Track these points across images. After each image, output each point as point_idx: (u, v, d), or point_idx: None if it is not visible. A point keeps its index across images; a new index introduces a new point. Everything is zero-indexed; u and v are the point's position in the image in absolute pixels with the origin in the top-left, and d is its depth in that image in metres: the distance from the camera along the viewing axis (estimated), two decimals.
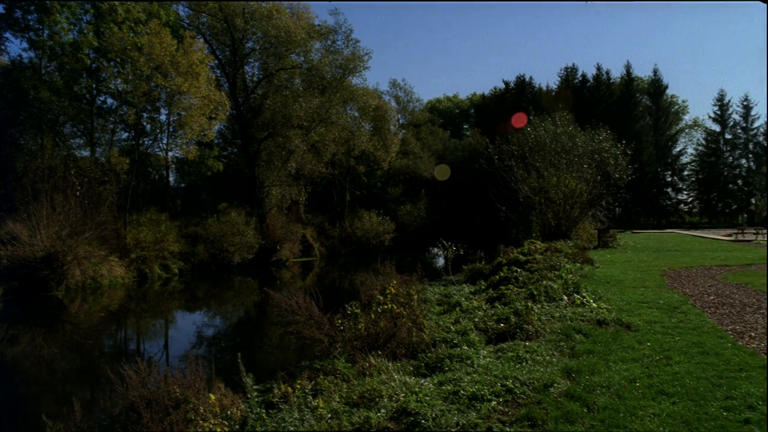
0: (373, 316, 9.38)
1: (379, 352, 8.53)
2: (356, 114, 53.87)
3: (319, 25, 46.62)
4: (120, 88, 35.84)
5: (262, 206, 42.79)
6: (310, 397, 6.75)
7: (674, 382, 6.78)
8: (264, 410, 6.49)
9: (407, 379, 7.08)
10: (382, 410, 6.13)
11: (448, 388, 6.63)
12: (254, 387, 7.01)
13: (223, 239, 36.73)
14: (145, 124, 38.87)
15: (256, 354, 15.74)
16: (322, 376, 7.68)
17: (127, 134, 42.02)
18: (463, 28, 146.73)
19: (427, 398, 6.29)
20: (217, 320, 23.53)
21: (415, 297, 11.16)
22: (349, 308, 10.44)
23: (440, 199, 65.33)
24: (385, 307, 9.52)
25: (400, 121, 68.39)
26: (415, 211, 59.38)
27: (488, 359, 7.90)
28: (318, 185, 54.59)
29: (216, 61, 42.94)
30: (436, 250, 48.06)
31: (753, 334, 9.51)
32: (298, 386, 7.09)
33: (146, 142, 40.90)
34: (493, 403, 6.17)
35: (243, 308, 26.20)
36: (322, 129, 45.16)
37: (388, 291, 10.19)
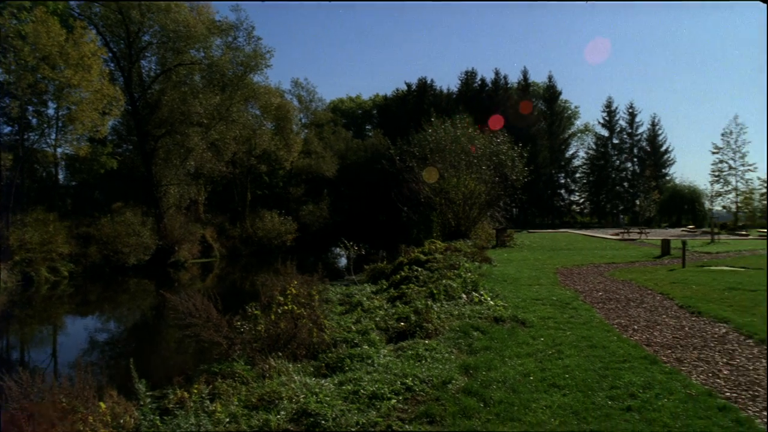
0: (273, 317, 9.25)
1: (280, 354, 8.41)
2: (258, 112, 53.06)
3: (219, 20, 45.52)
4: (1, 79, 33.60)
5: (159, 206, 41.33)
6: (208, 402, 6.56)
7: (565, 375, 7.07)
8: (158, 417, 6.26)
9: (308, 380, 7.02)
10: (282, 412, 6.05)
11: (349, 387, 6.63)
12: (148, 393, 6.74)
13: (118, 240, 35.20)
14: (30, 118, 36.72)
15: (152, 359, 15.21)
16: (220, 380, 7.50)
17: (9, 128, 39.44)
18: (366, 29, 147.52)
19: (328, 399, 6.26)
20: (111, 325, 22.55)
21: (316, 297, 11.10)
22: (249, 310, 10.27)
23: (343, 200, 65.36)
24: (286, 308, 9.41)
25: (303, 121, 67.93)
26: (317, 211, 59.12)
27: (388, 358, 7.96)
28: (218, 184, 53.32)
29: (110, 54, 41.10)
30: (338, 250, 48.04)
31: (636, 327, 10.10)
32: (195, 391, 6.89)
33: (32, 137, 38.48)
34: (393, 401, 6.21)
35: (138, 312, 25.21)
36: (223, 127, 44.13)
37: (288, 292, 10.07)
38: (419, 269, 16.57)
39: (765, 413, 5.85)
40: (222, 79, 45.11)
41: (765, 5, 5.72)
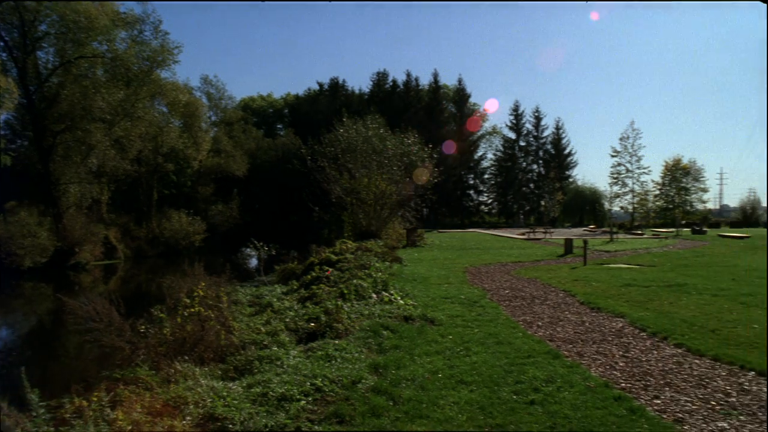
0: (179, 320, 8.98)
1: (186, 358, 8.17)
2: (165, 109, 51.53)
3: (124, 12, 43.69)
4: None
5: (57, 205, 39.28)
6: (108, 410, 6.28)
7: (472, 372, 7.22)
8: (54, 428, 5.95)
9: (215, 384, 6.86)
10: (188, 417, 5.88)
11: (257, 390, 6.52)
12: (42, 403, 6.39)
13: (11, 241, 33.17)
14: None
15: (50, 367, 14.43)
16: (122, 386, 7.20)
17: None
18: (278, 27, 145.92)
19: (236, 402, 6.14)
20: (2, 333, 21.26)
21: (225, 299, 10.86)
22: (155, 313, 9.93)
23: (253, 199, 64.38)
24: (193, 310, 9.15)
25: (212, 119, 66.47)
26: (227, 211, 58.01)
27: (298, 359, 7.89)
28: (123, 183, 51.22)
29: (1, 44, 38.73)
30: (249, 250, 47.29)
31: (540, 323, 10.45)
32: (95, 399, 6.57)
33: None
34: (302, 402, 6.16)
35: (34, 317, 23.87)
36: (128, 124, 42.50)
37: (195, 293, 9.81)
38: (331, 269, 16.52)
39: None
40: (127, 73, 43.31)
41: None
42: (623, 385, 6.80)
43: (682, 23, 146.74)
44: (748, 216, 78.87)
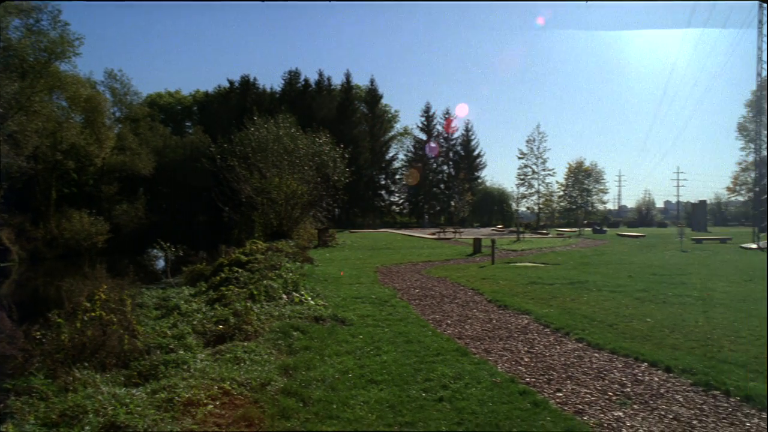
0: (79, 325, 8.57)
1: (86, 364, 7.80)
2: (64, 104, 49.05)
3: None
4: None
5: None
6: None
7: (382, 371, 7.26)
8: None
9: (117, 391, 6.58)
10: (87, 427, 5.62)
11: (163, 395, 6.30)
12: None
13: None
14: None
15: None
16: (13, 397, 6.80)
17: None
18: (186, 21, 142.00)
19: (139, 409, 5.91)
20: None
21: (129, 302, 10.47)
22: (52, 318, 9.44)
23: (161, 199, 62.46)
24: (93, 314, 8.77)
25: (117, 115, 63.82)
26: (132, 210, 55.96)
27: (206, 362, 7.69)
28: (17, 181, 48.43)
29: None
30: (156, 251, 45.82)
31: (449, 321, 10.64)
32: None
33: None
34: (210, 406, 6.01)
35: None
36: (23, 118, 40.18)
37: (97, 297, 9.40)
38: (240, 270, 16.24)
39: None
40: (22, 64, 40.97)
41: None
42: (528, 379, 7.02)
43: (593, 37, 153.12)
44: (643, 216, 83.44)
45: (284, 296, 12.50)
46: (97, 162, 55.29)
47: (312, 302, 12.03)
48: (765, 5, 7.54)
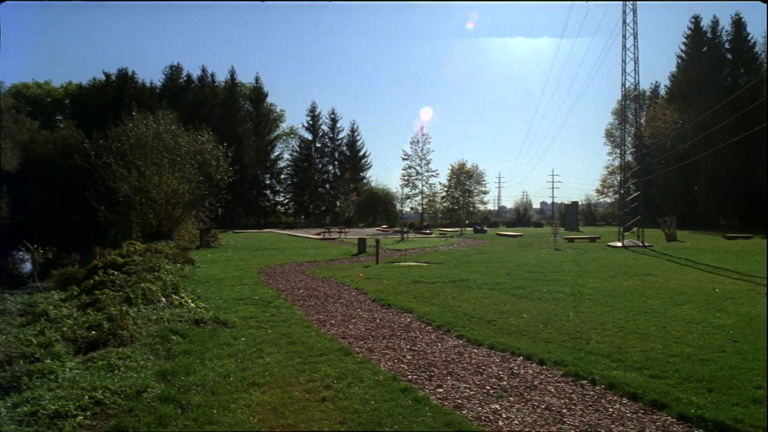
0: None
1: None
2: None
3: None
4: None
5: None
6: None
7: (265, 373, 7.16)
8: None
9: None
10: None
11: (26, 409, 5.89)
12: None
13: None
14: None
15: None
16: None
17: None
18: (57, 11, 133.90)
19: None
20: None
21: None
22: None
23: (28, 197, 58.44)
24: None
25: None
26: None
27: (76, 371, 7.27)
28: None
29: None
30: (22, 254, 42.84)
31: (333, 321, 10.66)
32: None
33: None
34: (80, 418, 5.69)
35: None
36: None
37: None
38: (116, 273, 15.48)
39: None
40: None
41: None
42: (410, 377, 7.15)
43: (473, 45, 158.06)
44: (521, 216, 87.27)
45: (163, 299, 12.04)
46: None
47: (192, 305, 11.67)
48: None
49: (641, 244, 31.89)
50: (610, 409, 5.99)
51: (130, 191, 28.77)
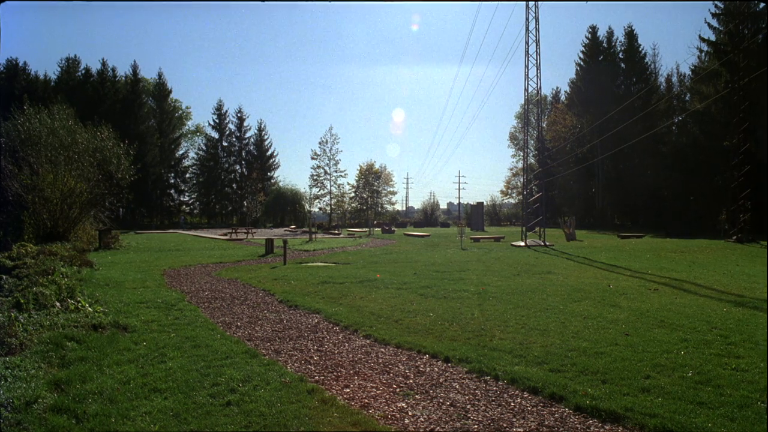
0: None
1: None
2: None
3: None
4: None
5: None
6: None
7: (167, 378, 6.92)
8: None
9: None
10: None
11: None
12: None
13: None
14: None
15: None
16: None
17: None
18: None
19: None
20: None
21: None
22: None
23: None
24: None
25: None
26: None
27: None
28: None
29: None
30: None
31: (239, 324, 10.46)
32: None
33: None
34: None
35: None
36: None
37: None
38: (5, 277, 14.60)
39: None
40: None
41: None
42: (317, 378, 7.11)
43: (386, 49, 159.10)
44: (428, 217, 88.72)
45: (58, 304, 11.45)
46: None
47: (90, 309, 11.16)
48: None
49: (543, 243, 33.16)
50: (512, 404, 6.17)
51: (21, 190, 27.19)
